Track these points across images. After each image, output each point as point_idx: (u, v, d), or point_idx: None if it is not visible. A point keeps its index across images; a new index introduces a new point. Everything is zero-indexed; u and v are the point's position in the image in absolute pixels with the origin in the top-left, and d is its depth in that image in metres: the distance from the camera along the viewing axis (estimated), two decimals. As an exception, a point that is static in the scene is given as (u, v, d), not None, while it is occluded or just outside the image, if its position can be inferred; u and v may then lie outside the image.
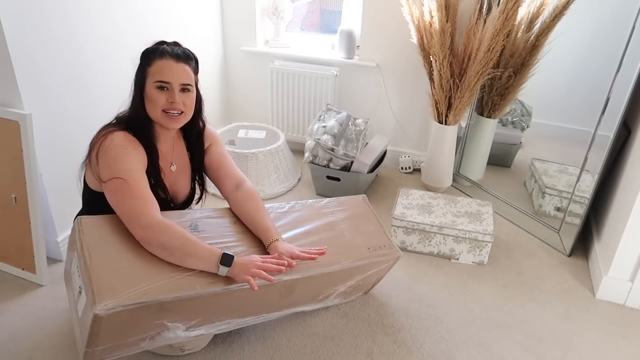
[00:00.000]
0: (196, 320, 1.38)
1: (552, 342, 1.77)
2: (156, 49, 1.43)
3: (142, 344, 1.35)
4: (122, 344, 1.31)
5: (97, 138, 1.39)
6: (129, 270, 1.26)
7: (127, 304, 1.18)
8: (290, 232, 1.62)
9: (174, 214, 1.50)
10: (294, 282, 1.50)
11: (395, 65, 2.78)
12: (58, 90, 1.90)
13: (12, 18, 1.66)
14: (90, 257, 1.25)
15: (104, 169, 1.34)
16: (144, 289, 1.22)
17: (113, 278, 1.22)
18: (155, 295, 1.23)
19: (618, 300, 1.97)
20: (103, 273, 1.23)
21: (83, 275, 1.24)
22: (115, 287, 1.20)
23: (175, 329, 1.35)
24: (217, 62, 3.04)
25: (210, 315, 1.41)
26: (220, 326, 1.48)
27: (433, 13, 2.32)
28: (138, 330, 1.30)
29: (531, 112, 2.62)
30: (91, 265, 1.23)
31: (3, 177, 1.87)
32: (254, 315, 1.55)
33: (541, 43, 2.33)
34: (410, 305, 1.92)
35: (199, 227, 1.48)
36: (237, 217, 1.59)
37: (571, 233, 2.21)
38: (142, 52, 1.43)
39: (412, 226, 2.17)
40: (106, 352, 1.30)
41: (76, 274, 1.30)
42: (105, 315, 1.16)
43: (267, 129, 2.90)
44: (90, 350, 1.26)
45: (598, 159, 2.02)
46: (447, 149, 2.58)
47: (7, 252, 1.96)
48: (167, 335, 1.35)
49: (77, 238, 1.30)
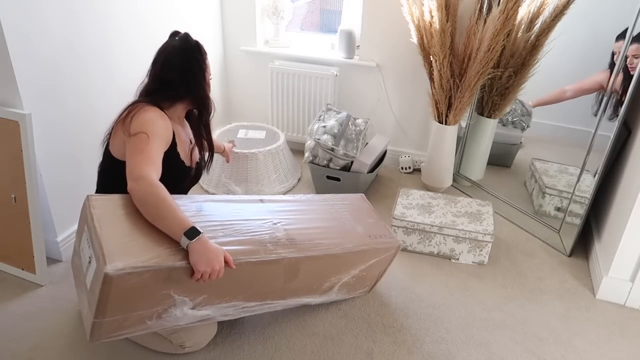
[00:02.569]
0: (203, 296, 1.40)
1: (552, 342, 1.76)
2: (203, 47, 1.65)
3: (149, 322, 1.36)
4: (129, 319, 1.32)
5: (133, 107, 1.53)
6: (138, 239, 1.30)
7: (136, 266, 1.21)
8: (294, 218, 1.65)
9: (177, 198, 1.55)
10: (298, 261, 1.53)
11: (395, 65, 2.78)
12: (58, 90, 1.90)
13: (12, 18, 1.66)
14: (101, 226, 1.29)
15: (136, 126, 1.48)
16: (152, 254, 1.26)
17: (123, 244, 1.27)
18: (164, 261, 1.26)
19: (618, 301, 1.97)
20: (113, 239, 1.27)
21: (93, 243, 1.27)
22: (125, 252, 1.24)
23: (182, 305, 1.37)
24: (217, 61, 3.04)
25: (216, 292, 1.42)
26: (226, 310, 1.50)
27: (433, 13, 2.32)
28: (146, 301, 1.31)
29: (531, 112, 2.62)
30: (101, 233, 1.27)
31: (3, 177, 1.86)
32: (259, 301, 1.56)
33: (541, 43, 2.33)
34: (410, 305, 1.91)
35: (204, 209, 1.53)
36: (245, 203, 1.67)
37: (571, 233, 2.21)
38: (199, 45, 1.63)
39: (412, 226, 2.17)
40: (113, 327, 1.31)
41: (86, 247, 1.34)
42: (115, 275, 1.18)
43: (267, 129, 2.89)
44: (99, 322, 1.27)
45: (598, 159, 2.02)
46: (447, 149, 2.58)
47: (7, 252, 1.96)
48: (174, 312, 1.37)
49: (88, 212, 1.34)
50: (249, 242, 1.46)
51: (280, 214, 1.66)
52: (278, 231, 1.56)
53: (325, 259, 1.60)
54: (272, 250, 1.48)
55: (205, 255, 1.31)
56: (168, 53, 1.59)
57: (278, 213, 1.66)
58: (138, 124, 1.48)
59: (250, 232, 1.50)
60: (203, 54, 1.64)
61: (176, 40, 1.62)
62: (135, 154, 1.43)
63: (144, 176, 1.38)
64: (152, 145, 1.45)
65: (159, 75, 1.60)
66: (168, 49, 1.60)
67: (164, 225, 1.34)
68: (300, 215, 1.71)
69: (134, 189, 1.37)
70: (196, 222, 1.41)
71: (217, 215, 1.52)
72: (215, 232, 1.44)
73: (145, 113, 1.51)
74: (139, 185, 1.36)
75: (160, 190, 1.37)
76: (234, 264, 1.37)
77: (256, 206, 1.67)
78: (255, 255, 1.43)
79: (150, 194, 1.35)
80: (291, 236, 1.56)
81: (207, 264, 1.31)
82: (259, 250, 1.45)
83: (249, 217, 1.58)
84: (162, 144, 1.52)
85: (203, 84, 1.65)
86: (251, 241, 1.47)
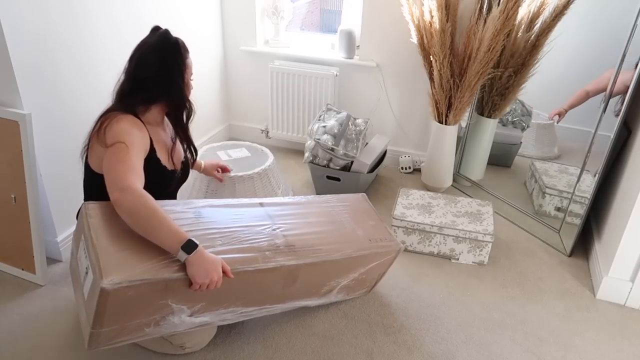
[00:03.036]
0: (200, 304, 1.39)
1: (552, 342, 1.76)
2: (184, 45, 1.54)
3: (147, 329, 1.35)
4: (127, 328, 1.31)
5: (105, 117, 1.46)
6: (136, 250, 1.28)
7: (133, 279, 1.20)
8: (293, 223, 1.64)
9: (176, 202, 1.53)
10: (297, 269, 1.52)
11: (395, 65, 2.78)
12: (58, 90, 1.90)
13: (12, 18, 1.66)
14: (97, 237, 1.28)
15: (111, 137, 1.41)
16: (149, 266, 1.25)
17: (120, 256, 1.25)
18: (161, 273, 1.25)
19: (618, 301, 1.97)
20: (110, 251, 1.25)
21: (90, 255, 1.26)
22: (122, 264, 1.23)
23: (180, 312, 1.36)
24: (217, 61, 3.04)
25: (214, 300, 1.42)
26: (225, 315, 1.49)
27: (433, 13, 2.32)
28: (143, 311, 1.30)
29: (531, 112, 2.62)
30: (98, 244, 1.26)
31: (3, 177, 1.86)
32: (257, 306, 1.56)
33: (541, 43, 2.33)
34: (410, 305, 1.91)
35: (202, 215, 1.51)
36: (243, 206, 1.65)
37: (571, 233, 2.21)
38: (179, 42, 1.52)
39: (412, 226, 2.17)
40: (111, 336, 1.31)
41: (83, 257, 1.32)
42: (111, 289, 1.17)
43: (245, 145, 2.48)
44: (96, 332, 1.26)
45: (598, 159, 2.02)
46: (447, 149, 2.58)
47: (7, 252, 1.96)
48: (172, 320, 1.36)
49: (85, 221, 1.32)
50: (247, 250, 1.45)
51: (280, 219, 1.65)
52: (277, 238, 1.55)
53: (325, 265, 1.59)
54: (271, 258, 1.46)
55: (204, 267, 1.29)
56: (145, 50, 1.49)
57: (277, 217, 1.65)
58: (113, 135, 1.40)
59: (248, 240, 1.48)
60: (183, 52, 1.53)
61: (155, 36, 1.51)
62: (116, 165, 1.35)
63: (130, 187, 1.30)
64: (132, 155, 1.38)
65: (133, 73, 1.50)
66: (145, 45, 1.50)
67: (157, 238, 1.29)
68: (300, 219, 1.69)
69: (121, 201, 1.29)
70: (194, 231, 1.40)
71: (215, 223, 1.50)
72: (214, 240, 1.42)
73: (118, 123, 1.43)
74: (125, 196, 1.29)
75: (149, 201, 1.30)
76: (232, 274, 1.35)
77: (255, 211, 1.66)
78: (254, 264, 1.42)
79: (140, 205, 1.29)
80: (290, 242, 1.55)
81: (205, 276, 1.29)
82: (257, 258, 1.44)
83: (248, 222, 1.56)
84: (141, 153, 1.44)
85: (181, 85, 1.54)
86: (249, 249, 1.46)
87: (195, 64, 1.62)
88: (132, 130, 1.44)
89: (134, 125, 1.46)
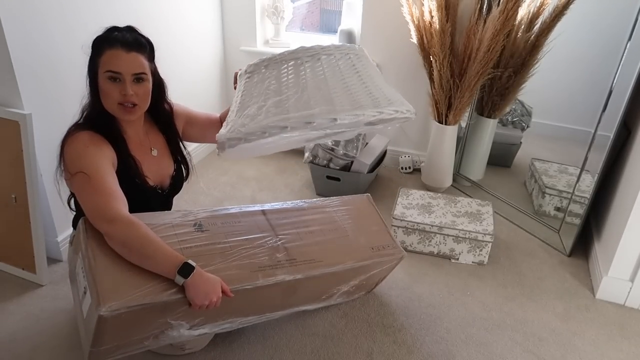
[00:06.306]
0: (200, 319, 1.39)
1: (552, 342, 1.77)
2: (106, 38, 1.36)
3: (146, 343, 1.35)
4: (127, 343, 1.32)
5: (64, 138, 1.38)
6: (133, 271, 1.26)
7: (131, 305, 1.19)
8: (295, 233, 1.63)
9: (176, 213, 1.50)
10: (298, 282, 1.50)
11: (395, 65, 2.78)
12: (58, 90, 1.90)
13: (13, 18, 1.66)
14: (95, 257, 1.25)
15: (69, 166, 1.33)
16: (148, 289, 1.23)
17: (117, 279, 1.23)
18: (159, 296, 1.23)
19: (618, 300, 1.97)
20: (107, 274, 1.23)
21: (87, 276, 1.24)
22: (120, 289, 1.20)
23: (179, 327, 1.35)
24: (217, 62, 3.04)
25: (213, 315, 1.41)
26: (224, 325, 1.49)
27: (433, 13, 2.32)
28: (143, 330, 1.30)
29: (531, 112, 2.62)
30: (95, 266, 1.24)
31: (3, 177, 1.87)
32: (256, 315, 1.56)
33: (541, 43, 2.33)
34: (410, 305, 1.92)
35: (203, 227, 1.49)
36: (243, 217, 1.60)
37: (571, 233, 2.21)
38: (93, 41, 1.37)
39: (412, 226, 2.17)
40: (111, 351, 1.31)
41: (81, 275, 1.31)
42: (109, 316, 1.16)
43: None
44: (95, 350, 1.27)
45: (598, 159, 2.02)
46: (447, 149, 2.58)
47: (7, 252, 1.96)
48: (171, 333, 1.36)
49: (82, 238, 1.30)
50: (247, 267, 1.43)
51: (282, 228, 1.62)
52: (278, 251, 1.52)
53: (326, 277, 1.58)
54: (271, 274, 1.44)
55: (202, 289, 1.26)
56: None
57: (279, 227, 1.62)
58: (71, 163, 1.32)
59: (248, 257, 1.46)
60: (95, 49, 1.36)
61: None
62: (92, 196, 1.28)
63: (116, 217, 1.24)
64: (98, 179, 1.28)
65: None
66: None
67: (152, 266, 1.25)
68: (302, 228, 1.65)
69: (111, 233, 1.25)
70: (193, 247, 1.38)
71: (215, 236, 1.47)
72: (213, 257, 1.40)
73: (69, 147, 1.33)
74: (115, 227, 1.24)
75: (140, 229, 1.25)
76: (232, 292, 1.33)
77: (257, 220, 1.62)
78: (254, 282, 1.40)
79: (131, 235, 1.24)
80: (291, 256, 1.53)
81: (204, 298, 1.26)
82: (257, 275, 1.42)
83: (248, 234, 1.53)
84: (107, 170, 1.33)
85: (95, 89, 1.38)
86: (249, 265, 1.44)
87: (196, 64, 1.61)
88: (86, 150, 1.32)
89: (89, 142, 1.34)
